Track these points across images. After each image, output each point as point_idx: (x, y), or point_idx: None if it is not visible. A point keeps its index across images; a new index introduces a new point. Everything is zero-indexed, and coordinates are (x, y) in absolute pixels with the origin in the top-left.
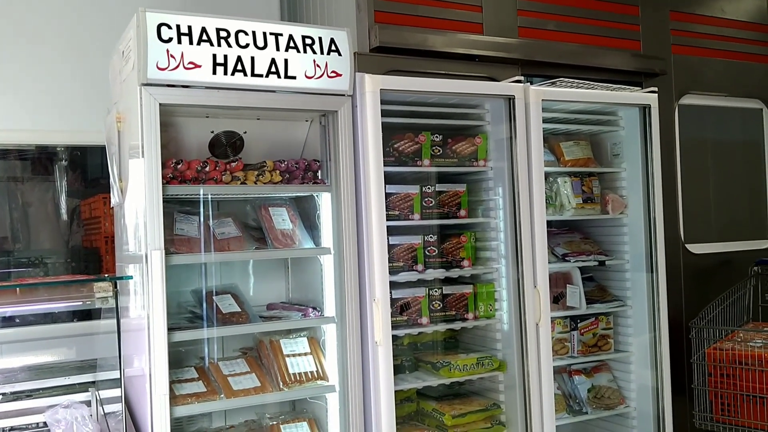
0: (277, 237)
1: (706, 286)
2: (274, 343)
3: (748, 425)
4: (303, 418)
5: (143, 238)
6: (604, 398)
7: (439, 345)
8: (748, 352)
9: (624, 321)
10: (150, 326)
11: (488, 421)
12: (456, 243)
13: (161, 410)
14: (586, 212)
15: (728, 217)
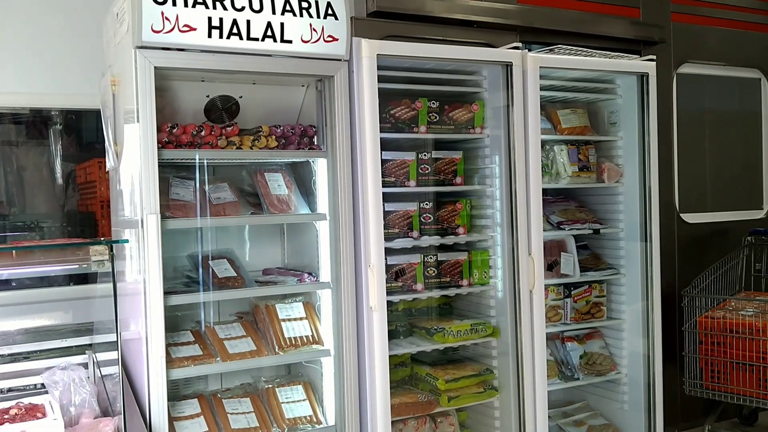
0: (273, 202)
1: (699, 256)
2: (270, 308)
3: (737, 392)
4: (298, 382)
5: (139, 202)
6: (596, 365)
7: (434, 311)
8: (739, 321)
9: (617, 289)
10: (146, 290)
11: (481, 386)
12: (451, 210)
13: (157, 372)
14: (581, 180)
15: (723, 186)
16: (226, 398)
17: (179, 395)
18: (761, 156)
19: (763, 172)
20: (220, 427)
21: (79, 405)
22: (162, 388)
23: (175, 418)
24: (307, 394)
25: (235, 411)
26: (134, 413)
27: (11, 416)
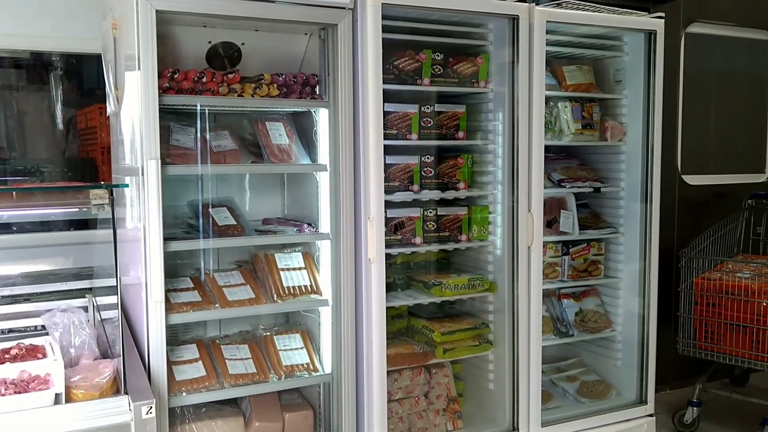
0: (274, 152)
1: (699, 218)
2: (269, 257)
3: (730, 353)
4: (296, 330)
5: (139, 148)
6: (591, 322)
7: (432, 265)
8: (735, 283)
9: (615, 248)
10: (146, 236)
11: (476, 339)
12: (453, 165)
13: (156, 317)
14: (584, 138)
15: (726, 149)
16: (224, 344)
17: (178, 340)
18: (766, 119)
19: (767, 136)
20: (218, 373)
21: (79, 347)
22: (161, 333)
23: (173, 363)
24: (305, 343)
25: (233, 357)
26: (133, 356)
27: (12, 356)
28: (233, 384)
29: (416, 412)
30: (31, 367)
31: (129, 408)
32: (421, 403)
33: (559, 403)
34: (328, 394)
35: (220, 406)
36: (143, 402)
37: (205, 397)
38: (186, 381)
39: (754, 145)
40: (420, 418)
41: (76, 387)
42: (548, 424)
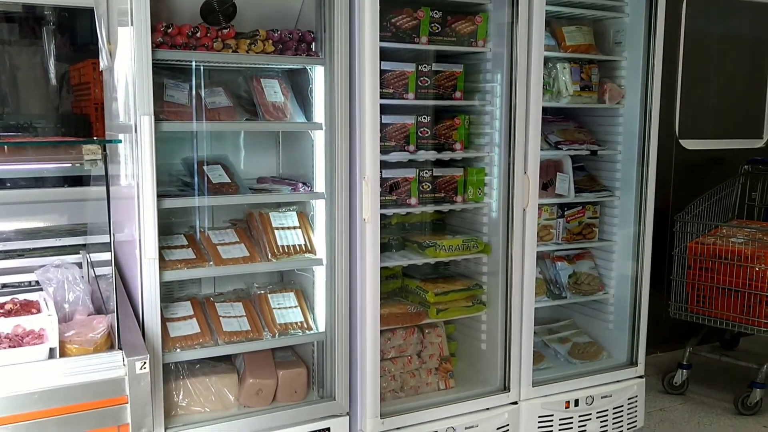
0: (269, 109)
1: (695, 182)
2: (264, 216)
3: (721, 317)
4: (290, 289)
5: (132, 104)
6: (584, 284)
7: (427, 226)
8: (728, 248)
9: (610, 211)
10: (139, 192)
11: (469, 300)
12: (449, 125)
13: (150, 274)
14: (582, 100)
15: (725, 114)
16: (218, 302)
17: (172, 297)
18: (766, 84)
19: (766, 101)
20: (212, 330)
21: (73, 302)
22: (155, 289)
23: (167, 319)
24: (299, 301)
25: (228, 315)
26: (127, 313)
27: (6, 311)
28: (227, 341)
29: (409, 371)
30: (26, 321)
31: (123, 363)
32: (413, 362)
33: (551, 364)
34: (321, 353)
35: (215, 362)
36: (137, 357)
37: (199, 353)
38: (180, 337)
39: (753, 110)
40: (413, 377)
41: (70, 342)
42: (539, 384)
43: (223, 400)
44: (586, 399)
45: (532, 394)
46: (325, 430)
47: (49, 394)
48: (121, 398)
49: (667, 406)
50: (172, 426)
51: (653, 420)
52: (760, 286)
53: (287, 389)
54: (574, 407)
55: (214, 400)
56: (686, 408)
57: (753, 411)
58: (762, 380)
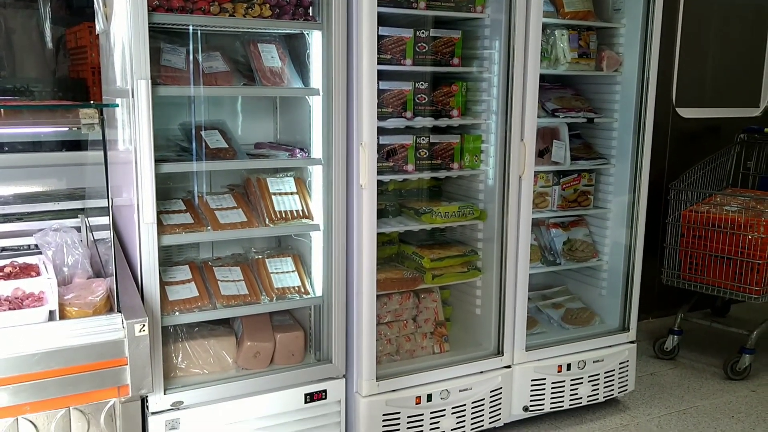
0: (266, 74)
1: (691, 151)
2: (261, 181)
3: (713, 284)
4: (288, 254)
5: (129, 68)
6: (578, 251)
7: (423, 193)
8: (722, 216)
9: (606, 179)
10: (137, 157)
11: (465, 266)
12: (447, 92)
13: (149, 238)
14: (580, 68)
15: (722, 82)
16: (216, 266)
17: (171, 262)
18: (765, 53)
19: (764, 70)
20: (211, 293)
21: (72, 266)
22: (153, 253)
23: (166, 283)
24: (296, 266)
25: (226, 279)
26: (126, 276)
27: (6, 274)
28: (225, 304)
29: (404, 335)
30: (25, 284)
31: (122, 325)
32: (409, 326)
33: (544, 329)
34: (318, 316)
35: (213, 325)
36: (136, 320)
37: (197, 316)
38: (179, 301)
39: (751, 79)
40: (408, 341)
41: (69, 305)
42: (532, 348)
43: (221, 362)
44: (578, 363)
45: (525, 359)
46: (322, 392)
47: (50, 355)
48: (120, 360)
49: (658, 370)
50: (172, 387)
51: (644, 384)
52: (752, 254)
53: (284, 352)
54: (566, 371)
55: (213, 363)
56: (676, 373)
57: (742, 376)
58: (751, 346)
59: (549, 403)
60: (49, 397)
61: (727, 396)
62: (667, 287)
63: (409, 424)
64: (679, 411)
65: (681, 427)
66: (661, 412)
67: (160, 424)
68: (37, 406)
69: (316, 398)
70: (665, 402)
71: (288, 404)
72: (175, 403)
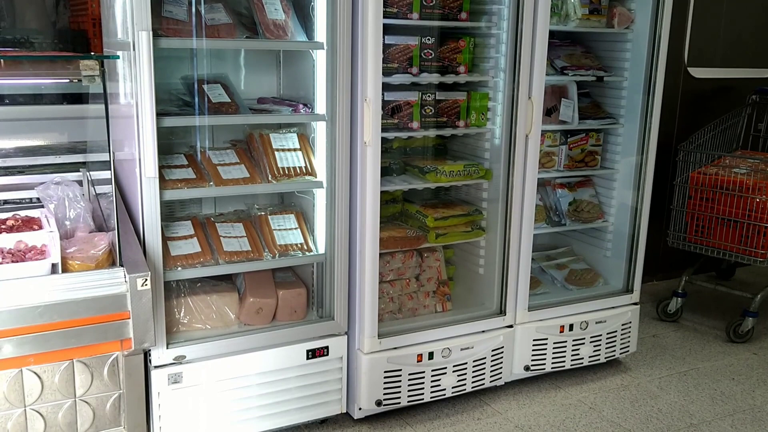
0: (269, 27)
1: (702, 111)
2: (264, 137)
3: (719, 247)
4: (290, 211)
5: (130, 19)
6: (584, 212)
7: (428, 151)
8: (730, 178)
9: (614, 139)
10: (138, 111)
11: (469, 226)
12: (454, 48)
13: (150, 192)
14: (590, 24)
15: (736, 42)
16: (219, 222)
17: (173, 217)
18: None
19: None
20: (213, 249)
21: (74, 220)
22: (155, 208)
23: (168, 238)
24: (299, 223)
25: (228, 235)
26: (128, 231)
27: (8, 227)
28: (228, 261)
29: (407, 293)
30: (28, 237)
31: (125, 279)
32: (412, 284)
33: (547, 290)
34: (321, 274)
35: (215, 281)
36: (139, 274)
37: (200, 272)
38: (181, 256)
39: (765, 38)
40: (410, 299)
41: (72, 258)
42: (535, 308)
43: (223, 318)
44: (580, 324)
45: (527, 318)
46: (324, 349)
47: (53, 308)
48: (123, 314)
49: (660, 332)
50: (174, 341)
51: (646, 346)
52: (760, 217)
53: (287, 309)
54: (568, 332)
55: (215, 318)
56: (678, 335)
57: (744, 339)
58: (755, 309)
59: (550, 362)
60: (53, 349)
61: (728, 358)
62: (673, 249)
63: (410, 381)
64: (680, 372)
65: (681, 388)
66: (662, 374)
67: (163, 377)
68: (41, 358)
69: (318, 354)
70: (666, 363)
71: (290, 360)
72: (178, 357)
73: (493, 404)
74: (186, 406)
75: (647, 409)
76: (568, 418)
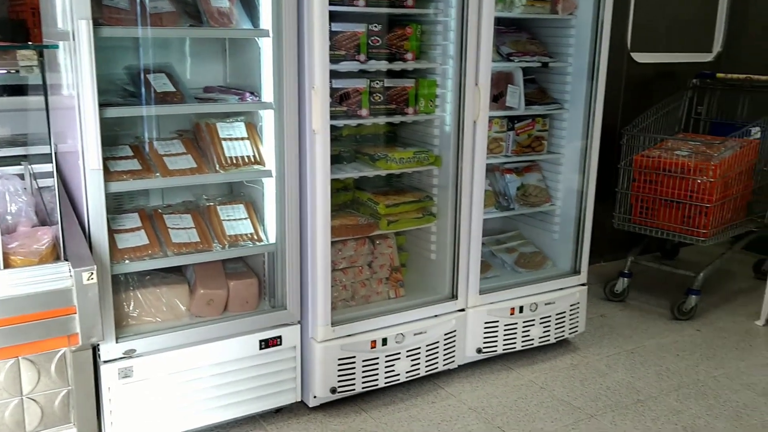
0: (213, 15)
1: (645, 96)
2: (211, 126)
3: (663, 227)
4: (240, 201)
5: (69, 8)
6: (531, 196)
7: (379, 138)
8: (673, 160)
9: (560, 124)
10: (80, 101)
11: (420, 212)
12: (401, 35)
13: (95, 185)
14: (535, 11)
15: (677, 27)
16: (167, 214)
17: (120, 209)
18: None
19: (718, 15)
20: (161, 241)
21: (16, 214)
22: (100, 201)
23: (115, 231)
24: (249, 213)
25: (176, 226)
26: (73, 224)
27: None
28: (177, 252)
29: (360, 281)
30: None
31: (70, 274)
32: (364, 272)
33: (498, 273)
34: (272, 264)
35: (165, 274)
36: (84, 268)
37: (148, 264)
38: (128, 249)
39: (705, 24)
40: (363, 287)
41: (14, 254)
42: (486, 292)
43: (174, 310)
44: (530, 306)
45: (478, 302)
46: (277, 338)
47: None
48: (69, 309)
49: (608, 312)
50: (123, 335)
51: (594, 325)
52: (701, 198)
53: (238, 299)
54: (518, 314)
55: (165, 311)
56: (625, 314)
57: (688, 316)
58: (698, 287)
59: (502, 344)
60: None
61: (673, 335)
62: (619, 231)
63: (364, 367)
64: (627, 350)
65: (628, 365)
66: (609, 352)
67: (113, 372)
68: None
69: (272, 344)
70: (614, 342)
71: (243, 351)
72: (128, 351)
73: (447, 387)
74: (138, 400)
75: (596, 386)
76: (520, 398)
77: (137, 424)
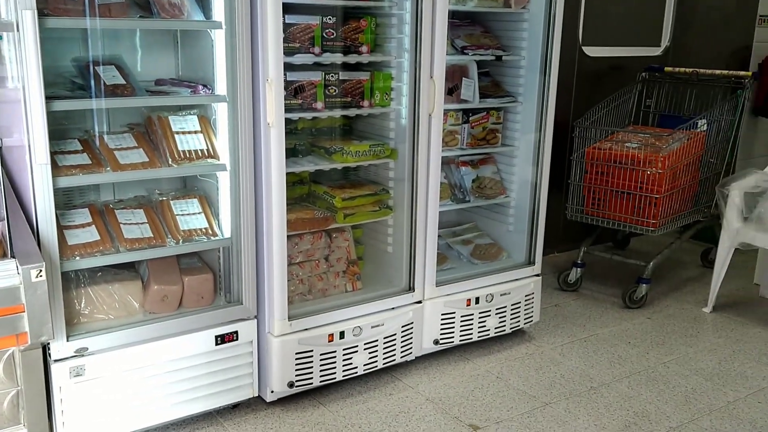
0: (164, 6)
1: (596, 89)
2: (163, 120)
3: (615, 218)
4: (193, 195)
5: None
6: (487, 188)
7: (335, 131)
8: (623, 152)
9: (514, 117)
10: (26, 94)
11: (376, 205)
12: (355, 27)
13: (42, 180)
14: (488, 4)
15: (626, 21)
16: (118, 209)
17: (70, 205)
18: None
19: (666, 10)
20: (113, 237)
21: None
22: (48, 196)
23: (65, 227)
24: (203, 208)
25: (129, 221)
26: (20, 221)
27: None
28: (129, 248)
29: (317, 275)
30: None
31: (17, 271)
32: (321, 265)
33: (454, 265)
34: (228, 258)
35: (117, 270)
36: (32, 265)
37: (99, 261)
38: (79, 245)
39: (653, 18)
40: (320, 280)
41: None
42: (442, 284)
43: (127, 307)
44: (486, 297)
45: (435, 294)
46: (233, 334)
47: None
48: (17, 307)
49: (562, 302)
50: (75, 334)
51: (548, 315)
52: (651, 189)
53: (193, 295)
54: (474, 305)
55: (118, 308)
56: (579, 303)
57: (639, 304)
58: (648, 276)
59: (458, 335)
60: None
61: (625, 324)
62: (572, 222)
63: (322, 361)
64: (580, 339)
65: (582, 353)
66: (564, 341)
67: (64, 371)
68: None
69: (228, 340)
70: (568, 331)
71: (198, 347)
72: (80, 349)
73: (405, 379)
74: (90, 399)
75: (551, 375)
76: (477, 388)
77: (90, 423)
